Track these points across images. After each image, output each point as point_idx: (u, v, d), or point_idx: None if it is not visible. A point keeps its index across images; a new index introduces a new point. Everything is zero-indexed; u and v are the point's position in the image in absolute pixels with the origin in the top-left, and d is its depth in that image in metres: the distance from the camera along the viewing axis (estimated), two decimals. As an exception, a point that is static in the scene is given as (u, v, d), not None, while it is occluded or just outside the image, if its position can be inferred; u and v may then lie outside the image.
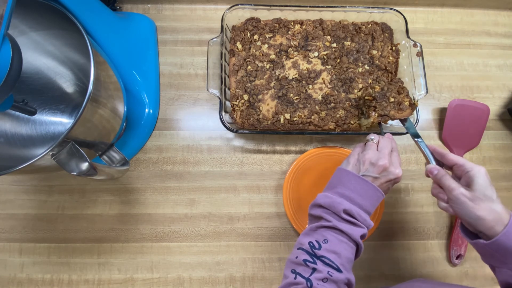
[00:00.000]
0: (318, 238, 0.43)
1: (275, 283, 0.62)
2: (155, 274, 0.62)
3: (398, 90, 0.60)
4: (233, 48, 0.66)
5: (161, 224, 0.64)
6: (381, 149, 0.48)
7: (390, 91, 0.59)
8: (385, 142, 0.49)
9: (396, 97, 0.59)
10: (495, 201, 0.40)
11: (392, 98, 0.59)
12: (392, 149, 0.49)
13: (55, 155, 0.41)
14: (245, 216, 0.65)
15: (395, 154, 0.49)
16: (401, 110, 0.58)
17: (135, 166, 0.66)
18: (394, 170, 0.46)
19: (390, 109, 0.58)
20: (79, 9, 0.47)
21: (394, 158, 0.48)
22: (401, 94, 0.60)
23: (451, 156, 0.46)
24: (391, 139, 0.51)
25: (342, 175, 0.48)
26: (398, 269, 0.63)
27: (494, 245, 0.39)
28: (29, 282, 0.61)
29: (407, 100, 0.59)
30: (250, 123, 0.62)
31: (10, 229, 0.63)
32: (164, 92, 0.70)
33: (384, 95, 0.59)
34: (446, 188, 0.44)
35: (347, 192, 0.45)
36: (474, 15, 0.78)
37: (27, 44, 0.53)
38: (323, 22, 0.68)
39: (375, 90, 0.60)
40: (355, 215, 0.44)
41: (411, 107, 0.59)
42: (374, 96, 0.59)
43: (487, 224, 0.39)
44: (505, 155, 0.70)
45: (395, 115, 0.58)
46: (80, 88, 0.60)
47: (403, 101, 0.59)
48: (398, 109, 0.59)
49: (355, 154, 0.49)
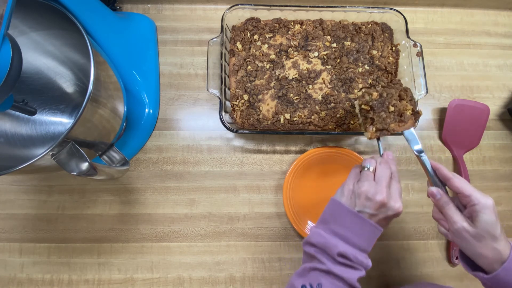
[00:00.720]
0: (312, 281, 0.40)
1: (275, 283, 0.62)
2: (155, 274, 0.62)
3: (400, 95, 0.52)
4: (233, 48, 0.66)
5: (161, 224, 0.64)
6: (379, 180, 0.43)
7: (390, 97, 0.51)
8: (382, 169, 0.44)
9: (396, 105, 0.51)
10: (498, 238, 0.39)
11: (392, 107, 0.51)
12: (391, 175, 0.44)
13: (55, 155, 0.41)
14: (245, 216, 0.65)
15: (394, 183, 0.43)
16: (403, 122, 0.51)
17: (135, 166, 0.66)
18: (394, 205, 0.42)
19: (390, 121, 0.50)
20: (79, 9, 0.47)
21: (394, 190, 0.43)
22: (404, 99, 0.52)
23: (457, 182, 0.42)
24: (390, 161, 0.46)
25: (336, 209, 0.44)
26: (398, 269, 0.63)
27: (494, 280, 0.38)
28: (29, 282, 0.61)
29: (410, 108, 0.51)
30: (250, 123, 0.62)
31: (10, 229, 0.63)
32: (164, 92, 0.70)
33: (383, 103, 0.51)
34: (448, 218, 0.42)
35: (341, 231, 0.42)
36: (474, 15, 0.78)
37: (27, 44, 0.53)
38: (323, 22, 0.68)
39: (373, 97, 0.52)
40: (351, 257, 0.40)
41: (414, 117, 0.51)
42: (371, 105, 0.52)
43: (488, 261, 0.39)
44: (505, 155, 0.70)
45: (395, 129, 0.51)
46: (80, 88, 0.60)
47: (405, 110, 0.51)
48: (399, 120, 0.51)
49: (350, 184, 0.45)
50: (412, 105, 0.52)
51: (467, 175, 0.66)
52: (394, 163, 0.46)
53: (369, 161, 0.46)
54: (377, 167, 0.45)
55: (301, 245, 0.63)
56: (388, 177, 0.43)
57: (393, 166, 0.46)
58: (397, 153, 0.69)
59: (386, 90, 0.52)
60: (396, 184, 0.44)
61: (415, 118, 0.52)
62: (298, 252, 0.63)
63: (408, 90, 0.53)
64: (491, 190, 0.68)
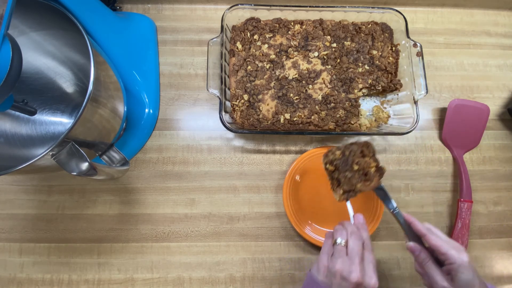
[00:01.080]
0: None
1: (275, 283, 0.62)
2: (155, 274, 0.62)
3: (362, 151, 0.51)
4: (233, 48, 0.66)
5: (161, 224, 0.64)
6: (351, 255, 0.43)
7: (352, 155, 0.50)
8: (354, 242, 0.44)
9: (360, 162, 0.50)
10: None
11: (356, 165, 0.50)
12: (363, 245, 0.44)
13: (55, 155, 0.41)
14: (245, 216, 0.65)
15: (367, 255, 0.43)
16: (368, 181, 0.50)
17: (135, 166, 0.66)
18: (369, 282, 0.42)
19: (356, 181, 0.49)
20: (79, 9, 0.47)
21: (367, 263, 0.43)
22: (366, 156, 0.51)
23: (432, 239, 0.44)
24: (361, 227, 0.46)
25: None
26: (398, 269, 0.63)
27: None
28: (29, 282, 0.61)
29: (373, 165, 0.50)
30: (250, 123, 0.62)
31: (10, 229, 0.63)
32: (164, 92, 0.70)
33: (346, 161, 0.50)
34: (429, 276, 0.44)
35: None
36: (474, 15, 0.78)
37: (27, 44, 0.53)
38: (323, 22, 0.68)
39: (336, 156, 0.51)
40: None
41: (378, 173, 0.51)
42: (336, 165, 0.51)
43: None
44: (505, 155, 0.70)
45: (362, 189, 0.50)
46: (80, 88, 0.60)
47: (369, 168, 0.50)
48: (364, 180, 0.50)
49: (324, 259, 0.44)
50: (375, 161, 0.51)
51: (467, 175, 0.66)
52: (366, 229, 0.47)
53: (339, 233, 0.45)
54: (348, 240, 0.44)
55: (301, 245, 0.63)
56: (360, 250, 0.43)
57: (365, 233, 0.46)
58: (397, 153, 0.69)
59: (348, 148, 0.51)
60: (369, 255, 0.44)
61: (379, 175, 0.51)
62: (298, 252, 0.63)
63: (370, 145, 0.52)
64: (491, 190, 0.68)
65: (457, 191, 0.67)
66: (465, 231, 0.63)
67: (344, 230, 0.46)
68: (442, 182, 0.68)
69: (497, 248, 0.65)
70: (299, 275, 0.62)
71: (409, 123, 0.61)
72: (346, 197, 0.51)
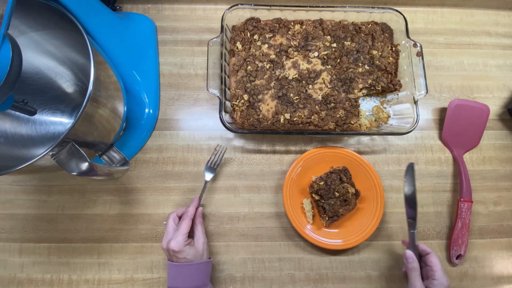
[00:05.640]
0: None
1: (275, 283, 0.62)
2: (155, 274, 0.62)
3: (340, 177, 0.59)
4: (233, 48, 0.66)
5: (161, 224, 0.64)
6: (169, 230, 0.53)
7: (333, 183, 0.58)
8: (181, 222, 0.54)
9: (339, 189, 0.58)
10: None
11: (337, 193, 0.58)
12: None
13: (55, 155, 0.41)
14: (245, 216, 0.65)
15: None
16: (348, 205, 0.59)
17: (135, 166, 0.66)
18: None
19: (338, 207, 0.58)
20: (79, 9, 0.47)
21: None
22: (344, 181, 0.59)
23: (433, 258, 0.53)
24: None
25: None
26: (398, 269, 0.63)
27: None
28: (29, 282, 0.61)
29: (352, 190, 0.59)
30: (250, 123, 0.62)
31: (10, 229, 0.63)
32: (164, 92, 0.70)
33: (329, 190, 0.58)
34: (410, 281, 0.52)
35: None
36: (474, 15, 0.78)
37: (27, 44, 0.53)
38: (323, 22, 0.68)
39: (320, 187, 0.59)
40: None
41: (355, 196, 0.59)
42: (321, 194, 0.59)
43: None
44: (505, 155, 0.70)
45: (343, 213, 0.59)
46: (80, 88, 0.60)
47: (348, 192, 0.59)
48: (344, 204, 0.59)
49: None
50: (351, 184, 0.60)
51: (467, 175, 0.66)
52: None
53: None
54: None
55: (301, 245, 0.63)
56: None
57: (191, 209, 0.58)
58: (397, 153, 0.69)
59: (330, 177, 0.60)
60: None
61: (356, 197, 0.60)
62: (298, 252, 0.63)
63: (347, 170, 0.61)
64: (491, 190, 0.68)
65: (457, 191, 0.67)
66: (465, 231, 0.63)
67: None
68: (442, 182, 0.68)
69: (497, 248, 0.65)
70: (299, 275, 0.62)
71: (409, 123, 0.61)
72: (331, 222, 0.59)
